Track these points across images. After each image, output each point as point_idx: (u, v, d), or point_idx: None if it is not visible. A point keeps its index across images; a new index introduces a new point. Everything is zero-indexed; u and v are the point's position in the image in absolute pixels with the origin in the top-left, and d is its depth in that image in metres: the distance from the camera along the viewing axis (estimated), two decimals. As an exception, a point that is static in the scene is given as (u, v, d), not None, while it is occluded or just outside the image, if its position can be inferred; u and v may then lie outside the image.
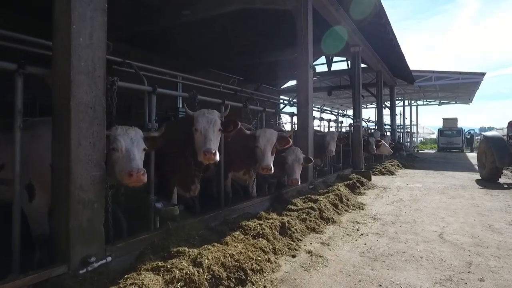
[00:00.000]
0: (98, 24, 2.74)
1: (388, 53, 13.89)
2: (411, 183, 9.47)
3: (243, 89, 6.13)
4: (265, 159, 4.53)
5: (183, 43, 12.70)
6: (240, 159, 5.03)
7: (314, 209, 5.06)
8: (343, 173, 9.28)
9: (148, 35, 11.16)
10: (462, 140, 29.14)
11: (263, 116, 5.95)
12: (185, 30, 11.60)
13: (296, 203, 5.31)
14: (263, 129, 4.78)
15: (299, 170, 5.75)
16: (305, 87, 7.06)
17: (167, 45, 12.54)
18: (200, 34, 12.19)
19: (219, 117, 3.79)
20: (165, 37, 11.73)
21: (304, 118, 7.06)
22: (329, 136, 8.24)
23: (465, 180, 10.34)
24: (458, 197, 7.41)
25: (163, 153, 3.99)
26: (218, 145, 3.73)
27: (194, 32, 11.92)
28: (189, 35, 12.10)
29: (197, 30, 11.77)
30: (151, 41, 11.93)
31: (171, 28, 10.95)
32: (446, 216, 5.61)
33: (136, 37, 11.28)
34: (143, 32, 10.50)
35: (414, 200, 6.96)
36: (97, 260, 2.63)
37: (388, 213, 5.75)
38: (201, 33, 12.07)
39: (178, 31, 11.47)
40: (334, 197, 5.93)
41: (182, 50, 13.26)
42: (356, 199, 6.80)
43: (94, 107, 2.69)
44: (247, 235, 3.77)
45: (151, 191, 3.67)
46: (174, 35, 11.87)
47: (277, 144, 4.79)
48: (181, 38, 12.22)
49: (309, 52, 7.08)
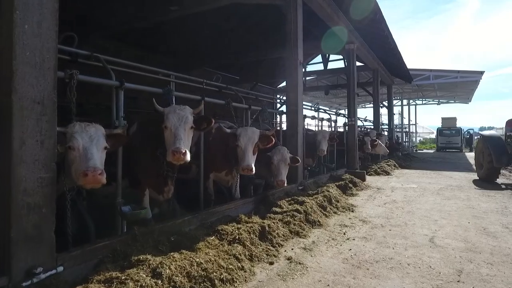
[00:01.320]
0: (49, 12, 2.49)
1: (384, 51, 13.63)
2: (406, 184, 9.22)
3: (228, 86, 5.86)
4: (246, 159, 4.28)
5: (176, 41, 12.47)
6: (221, 159, 4.78)
7: (300, 211, 4.80)
8: (336, 174, 9.03)
9: (139, 32, 10.92)
10: (461, 139, 28.89)
11: (248, 114, 5.69)
12: (178, 28, 11.36)
13: (281, 206, 5.06)
14: (244, 127, 4.53)
15: (285, 170, 5.51)
16: (294, 85, 6.80)
17: (160, 43, 12.30)
18: (194, 32, 11.95)
19: (192, 114, 3.54)
20: (157, 35, 11.48)
21: (294, 116, 6.81)
22: (320, 135, 7.99)
23: (462, 180, 10.08)
24: (454, 198, 7.16)
25: (134, 152, 3.75)
26: (189, 144, 3.48)
27: (187, 30, 11.67)
28: (183, 33, 11.86)
29: (190, 28, 11.52)
30: (143, 39, 11.70)
31: (163, 26, 10.71)
32: (439, 218, 5.36)
33: (128, 35, 11.05)
34: (134, 29, 10.25)
35: (408, 202, 6.71)
36: (45, 271, 2.38)
37: (378, 216, 5.49)
38: (195, 31, 11.82)
39: (171, 28, 11.24)
40: (323, 199, 5.68)
41: (176, 48, 13.03)
42: (347, 200, 6.54)
43: (42, 102, 2.44)
44: (222, 241, 3.52)
45: (118, 193, 3.42)
46: (167, 33, 11.64)
47: (259, 143, 4.54)
48: (174, 36, 11.98)
49: (299, 48, 6.83)
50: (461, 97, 29.13)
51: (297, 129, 6.77)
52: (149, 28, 10.76)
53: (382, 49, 13.49)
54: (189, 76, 5.35)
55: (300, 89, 6.88)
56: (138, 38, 11.55)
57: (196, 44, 13.02)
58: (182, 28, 11.42)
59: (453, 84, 22.41)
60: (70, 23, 9.61)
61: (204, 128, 3.72)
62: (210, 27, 11.56)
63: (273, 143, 4.68)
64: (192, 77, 5.47)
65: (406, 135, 29.58)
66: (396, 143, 18.28)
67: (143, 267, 2.55)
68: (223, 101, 5.07)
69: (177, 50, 13.16)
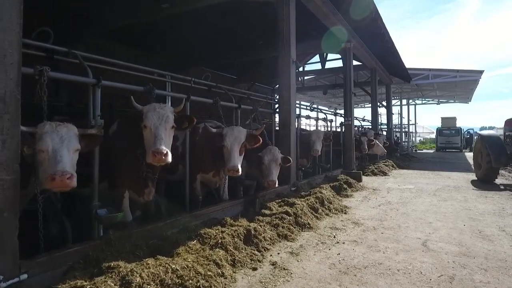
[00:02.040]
0: (9, 4, 2.34)
1: (382, 50, 13.48)
2: (403, 185, 9.06)
3: (218, 85, 5.71)
4: (232, 160, 4.13)
5: (173, 41, 12.32)
6: (208, 160, 4.63)
7: (289, 214, 4.65)
8: (332, 174, 8.88)
9: (134, 32, 10.80)
10: (461, 139, 28.72)
11: (238, 113, 5.54)
12: (174, 27, 11.24)
13: (271, 208, 4.91)
14: (231, 127, 4.38)
15: (276, 171, 5.36)
16: (287, 83, 6.65)
17: (156, 43, 12.16)
18: (190, 32, 11.81)
19: (172, 113, 3.39)
20: (153, 34, 11.35)
21: (287, 115, 6.66)
22: (314, 135, 7.84)
23: (460, 181, 9.92)
24: (450, 199, 7.00)
25: (113, 153, 3.60)
26: (170, 144, 3.33)
27: (183, 29, 11.55)
28: (179, 33, 11.73)
29: (186, 27, 11.40)
30: (139, 39, 11.56)
31: (158, 25, 10.59)
32: (434, 220, 5.20)
33: (122, 34, 10.90)
34: (128, 28, 10.11)
35: (403, 203, 6.55)
36: (6, 279, 2.24)
37: (372, 218, 5.34)
38: (191, 30, 11.69)
39: (166, 28, 11.12)
40: (315, 200, 5.53)
41: (172, 48, 12.88)
42: (340, 202, 6.39)
43: (4, 99, 2.29)
44: (204, 245, 3.37)
45: (94, 195, 3.27)
46: (163, 32, 11.51)
47: (246, 143, 4.39)
48: (170, 35, 11.85)
49: (292, 46, 6.68)
50: (461, 96, 28.95)
51: (290, 129, 6.62)
52: (144, 27, 10.64)
53: (380, 48, 13.34)
54: (176, 75, 5.20)
55: (293, 88, 6.73)
56: (133, 37, 11.41)
57: (193, 44, 12.87)
58: (178, 27, 11.29)
59: (453, 83, 22.23)
60: (63, 21, 9.53)
61: (186, 127, 3.56)
62: (206, 26, 11.41)
63: (260, 143, 4.52)
64: (181, 75, 5.32)
65: (406, 135, 29.39)
66: (394, 143, 18.13)
67: (112, 274, 2.40)
68: (211, 100, 4.92)
69: (173, 49, 13.01)
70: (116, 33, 10.67)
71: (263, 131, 5.78)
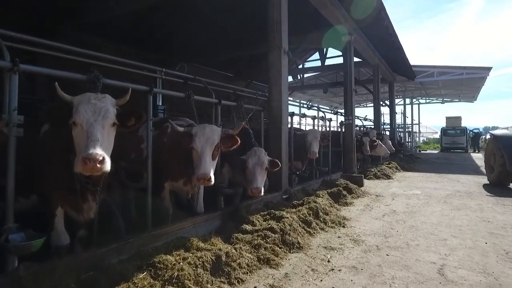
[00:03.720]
0: None
1: (385, 45, 12.66)
2: (408, 190, 8.24)
3: (196, 77, 4.92)
4: (202, 165, 3.33)
5: (161, 37, 11.56)
6: (177, 165, 3.83)
7: (275, 230, 3.85)
8: (331, 178, 8.06)
9: (120, 28, 10.06)
10: (467, 139, 27.80)
11: (218, 109, 4.74)
12: (162, 22, 10.52)
13: (253, 222, 4.11)
14: (202, 125, 3.57)
15: (262, 176, 4.57)
16: (277, 76, 5.86)
17: (144, 38, 11.38)
18: (180, 27, 11.10)
19: (114, 105, 2.60)
20: (140, 30, 10.57)
21: (277, 113, 5.86)
22: (311, 135, 7.03)
23: (471, 185, 9.09)
24: (464, 208, 6.18)
25: (43, 158, 2.81)
26: (110, 148, 2.54)
27: (173, 24, 10.83)
28: (168, 27, 11.02)
29: (176, 22, 10.68)
30: (125, 35, 10.80)
31: (146, 19, 9.86)
32: (448, 236, 4.38)
33: (108, 30, 10.16)
34: (115, 23, 9.40)
35: (410, 213, 5.74)
36: None
37: (375, 232, 4.53)
38: (181, 25, 10.98)
39: (155, 23, 10.39)
40: (308, 212, 4.72)
41: (161, 44, 12.11)
42: (338, 212, 5.58)
43: None
44: (156, 279, 2.58)
45: (8, 215, 2.49)
46: (151, 28, 10.76)
47: (221, 144, 3.60)
48: (158, 31, 11.11)
49: (283, 34, 5.88)
50: (467, 95, 28.02)
51: (281, 128, 5.82)
52: (130, 22, 9.92)
53: (383, 43, 12.51)
54: (143, 64, 4.41)
55: (285, 82, 5.94)
56: (121, 34, 10.65)
57: (183, 39, 12.12)
58: (167, 22, 10.58)
59: (458, 81, 21.36)
60: (40, 13, 8.80)
61: (132, 126, 2.76)
62: (199, 22, 10.68)
63: (238, 144, 3.72)
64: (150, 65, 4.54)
65: (409, 135, 28.49)
66: (398, 144, 17.28)
67: None
68: (182, 94, 4.13)
69: (162, 45, 12.25)
70: (103, 28, 9.96)
71: (248, 130, 5.01)
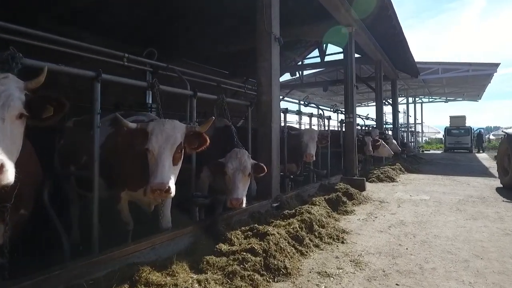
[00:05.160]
0: None
1: (387, 38, 11.89)
2: (415, 194, 7.47)
3: (169, 66, 4.18)
4: (159, 173, 2.56)
5: (148, 30, 10.80)
6: (133, 171, 3.07)
7: (256, 252, 3.09)
8: (329, 182, 7.29)
9: (105, 21, 9.36)
10: (471, 139, 26.98)
11: (194, 102, 3.98)
12: (148, 15, 9.81)
13: (232, 240, 3.35)
14: (161, 120, 2.80)
15: (244, 184, 3.82)
16: (267, 66, 5.10)
17: (130, 32, 10.64)
18: (168, 21, 10.39)
19: (21, 89, 1.86)
20: (126, 23, 9.84)
21: (267, 108, 5.10)
22: (306, 136, 6.25)
23: (483, 188, 8.31)
24: (481, 217, 5.41)
25: None
26: (18, 148, 1.81)
27: (160, 18, 10.13)
28: (155, 22, 10.30)
29: (163, 16, 9.98)
30: (111, 29, 10.07)
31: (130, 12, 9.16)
32: (470, 256, 3.62)
33: (90, 23, 9.44)
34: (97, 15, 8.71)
35: (420, 223, 4.97)
36: None
37: (380, 251, 3.77)
38: (169, 19, 10.27)
39: (140, 16, 9.66)
40: (299, 225, 3.95)
41: (148, 38, 11.35)
42: (337, 223, 4.81)
43: None
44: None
45: None
46: (137, 21, 10.01)
47: (186, 144, 2.84)
48: (145, 24, 10.36)
49: (274, 19, 5.13)
50: (471, 94, 27.17)
51: (272, 126, 5.06)
52: (117, 16, 9.22)
53: (386, 37, 11.76)
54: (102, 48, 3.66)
55: (276, 73, 5.18)
56: (104, 27, 9.91)
57: (172, 34, 11.40)
58: (153, 15, 9.88)
59: (463, 79, 20.55)
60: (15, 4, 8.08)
61: (50, 118, 2.01)
62: (191, 15, 9.99)
63: (206, 145, 2.95)
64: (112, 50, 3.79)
65: (412, 135, 27.67)
66: (401, 144, 16.49)
67: None
68: (145, 83, 3.37)
69: (149, 40, 11.49)
70: (83, 21, 9.26)
71: (230, 128, 4.27)
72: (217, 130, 4.51)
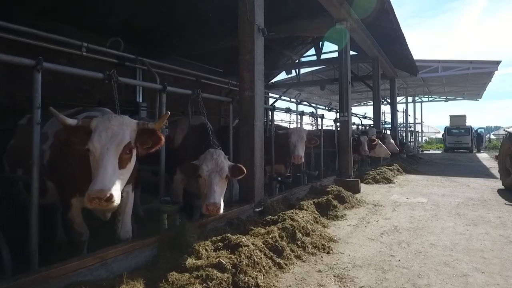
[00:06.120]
0: None
1: (385, 34, 11.49)
2: (412, 197, 7.06)
3: (138, 57, 3.78)
4: (99, 178, 2.16)
5: (139, 26, 10.41)
6: (84, 175, 2.67)
7: (224, 267, 2.69)
8: (321, 184, 6.90)
9: (94, 17, 8.99)
10: (472, 139, 26.56)
11: (163, 98, 3.58)
12: (137, 11, 9.44)
13: (200, 252, 2.95)
14: (106, 116, 2.39)
15: (220, 187, 3.41)
16: (249, 59, 4.70)
17: (120, 28, 10.26)
18: (157, 17, 10.02)
19: None
20: (115, 18, 9.45)
21: (249, 105, 4.70)
22: (295, 136, 5.84)
23: (484, 190, 7.91)
24: (481, 222, 5.01)
25: None
26: None
27: (151, 12, 9.75)
28: (146, 18, 9.93)
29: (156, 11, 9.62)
30: (100, 25, 9.69)
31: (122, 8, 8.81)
32: (469, 269, 3.22)
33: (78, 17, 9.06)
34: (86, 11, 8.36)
35: (415, 230, 4.57)
36: None
37: (369, 263, 3.36)
38: (159, 15, 9.90)
39: (129, 11, 9.28)
40: (280, 234, 3.55)
41: (139, 34, 10.97)
42: (325, 230, 4.41)
43: None
44: None
45: None
46: (126, 17, 9.63)
47: (136, 144, 2.44)
48: (134, 20, 9.97)
49: (257, 7, 4.72)
50: (471, 93, 26.74)
51: (254, 125, 4.66)
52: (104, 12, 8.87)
53: (383, 33, 11.35)
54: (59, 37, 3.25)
55: (259, 67, 4.77)
56: (94, 21, 9.53)
57: (163, 31, 11.03)
58: (143, 11, 9.52)
59: (464, 77, 20.13)
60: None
61: None
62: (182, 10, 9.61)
63: (161, 144, 2.54)
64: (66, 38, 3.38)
65: (411, 134, 27.25)
66: (399, 144, 16.09)
67: None
68: (101, 74, 2.97)
69: (140, 36, 11.10)
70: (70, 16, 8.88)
71: (206, 125, 3.88)
72: (192, 128, 4.12)
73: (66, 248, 3.27)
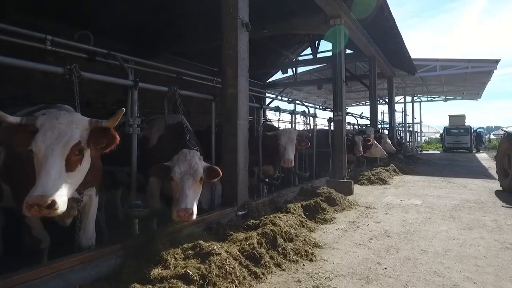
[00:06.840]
0: None
1: (381, 33, 11.26)
2: (406, 198, 6.83)
3: (111, 52, 3.55)
4: (39, 183, 1.92)
5: (127, 23, 10.19)
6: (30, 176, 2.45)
7: (191, 278, 2.46)
8: (312, 185, 6.65)
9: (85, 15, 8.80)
10: (471, 139, 26.31)
11: (135, 95, 3.36)
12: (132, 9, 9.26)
13: (168, 261, 2.72)
14: (54, 114, 2.14)
15: (194, 191, 3.19)
16: (232, 54, 4.47)
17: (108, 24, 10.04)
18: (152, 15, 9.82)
19: None
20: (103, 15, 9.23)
21: (232, 103, 4.47)
22: (284, 137, 5.60)
23: (481, 192, 7.68)
24: (477, 225, 4.78)
25: None
26: None
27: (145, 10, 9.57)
28: (136, 14, 9.72)
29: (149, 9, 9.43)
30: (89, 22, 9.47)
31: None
32: (460, 279, 2.99)
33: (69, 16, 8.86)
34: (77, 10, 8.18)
35: (407, 234, 4.35)
36: None
37: (353, 272, 3.14)
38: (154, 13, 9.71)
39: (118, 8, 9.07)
40: (258, 240, 3.32)
41: (128, 32, 10.75)
42: (310, 234, 4.18)
43: None
44: None
45: None
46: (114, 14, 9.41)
47: (86, 145, 2.20)
48: (123, 17, 9.75)
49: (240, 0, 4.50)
50: (471, 92, 26.50)
51: (238, 123, 4.43)
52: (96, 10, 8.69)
53: (379, 31, 11.12)
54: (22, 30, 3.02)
55: (243, 63, 4.54)
56: (85, 19, 9.31)
57: (155, 29, 10.82)
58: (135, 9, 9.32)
59: (463, 76, 19.89)
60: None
61: None
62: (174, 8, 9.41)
63: (116, 143, 2.31)
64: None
65: (410, 134, 27.01)
66: (397, 144, 15.85)
67: None
68: (61, 69, 2.74)
69: (129, 34, 10.88)
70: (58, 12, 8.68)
71: (182, 124, 3.66)
72: (168, 128, 3.89)
73: (29, 256, 3.05)
